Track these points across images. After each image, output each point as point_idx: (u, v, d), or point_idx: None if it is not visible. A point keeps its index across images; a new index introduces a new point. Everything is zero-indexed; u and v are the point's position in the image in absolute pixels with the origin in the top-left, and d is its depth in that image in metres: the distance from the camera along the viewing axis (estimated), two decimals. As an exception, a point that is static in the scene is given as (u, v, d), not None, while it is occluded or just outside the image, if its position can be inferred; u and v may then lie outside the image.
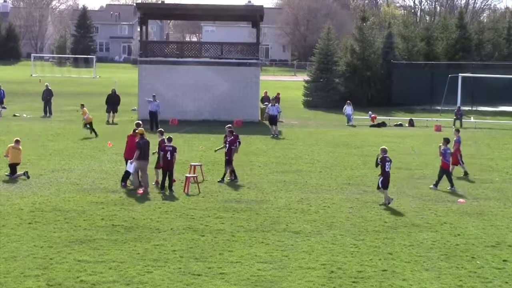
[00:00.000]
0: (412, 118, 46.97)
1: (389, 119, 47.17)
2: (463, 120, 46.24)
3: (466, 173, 26.37)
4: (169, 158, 22.13)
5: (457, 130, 27.91)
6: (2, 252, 15.30)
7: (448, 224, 18.75)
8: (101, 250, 15.58)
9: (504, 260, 15.60)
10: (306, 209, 20.14)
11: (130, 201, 20.67)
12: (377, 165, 21.36)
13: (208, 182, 23.83)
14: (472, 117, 49.27)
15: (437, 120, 46.33)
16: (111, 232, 17.18)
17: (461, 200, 21.85)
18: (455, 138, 27.06)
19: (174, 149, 22.32)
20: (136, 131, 22.93)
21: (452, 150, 25.86)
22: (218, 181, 23.85)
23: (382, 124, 45.06)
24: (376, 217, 19.38)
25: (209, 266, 14.65)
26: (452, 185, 23.60)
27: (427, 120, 46.96)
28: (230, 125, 25.42)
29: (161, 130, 23.90)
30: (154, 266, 14.60)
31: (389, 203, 20.87)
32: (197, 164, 24.80)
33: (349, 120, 45.37)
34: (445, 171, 23.76)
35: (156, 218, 18.65)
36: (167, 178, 22.30)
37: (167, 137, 22.85)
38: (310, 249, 16.13)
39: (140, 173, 22.46)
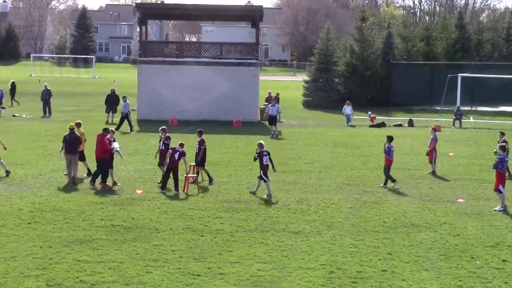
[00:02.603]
0: (412, 118, 46.97)
1: (389, 119, 47.17)
2: (462, 120, 46.26)
3: (434, 172, 26.49)
4: (176, 158, 22.17)
5: (434, 129, 28.15)
6: (2, 252, 15.29)
7: (447, 224, 18.75)
8: (100, 250, 15.58)
9: (503, 260, 15.60)
10: (306, 209, 20.14)
11: (129, 201, 20.67)
12: (255, 159, 22.34)
13: (207, 182, 23.83)
14: (471, 117, 49.27)
15: (436, 120, 46.33)
16: (111, 232, 17.18)
17: (460, 200, 21.86)
18: (431, 137, 27.21)
19: (183, 153, 22.34)
20: (68, 126, 23.82)
21: (429, 148, 26.74)
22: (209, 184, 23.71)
23: (382, 124, 45.05)
24: (376, 217, 19.39)
25: (208, 266, 14.65)
26: (393, 180, 23.79)
27: (426, 120, 46.96)
28: (164, 126, 25.15)
29: (200, 130, 24.73)
30: (153, 266, 14.60)
31: (269, 197, 21.56)
32: (196, 164, 24.81)
33: (348, 120, 45.37)
34: (386, 168, 23.89)
35: (156, 218, 18.65)
36: (167, 179, 22.36)
37: (179, 143, 22.88)
38: (310, 249, 16.13)
39: (71, 166, 23.14)
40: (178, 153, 22.24)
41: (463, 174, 26.91)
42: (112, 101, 43.20)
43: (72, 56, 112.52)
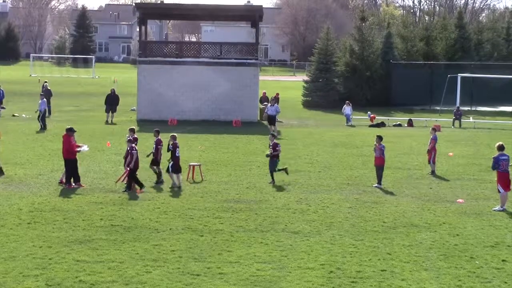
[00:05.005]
0: (411, 118, 47.01)
1: (388, 119, 47.20)
2: (462, 120, 46.27)
3: (433, 172, 26.52)
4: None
5: (434, 129, 28.18)
6: (1, 252, 15.29)
7: (447, 224, 18.75)
8: (100, 250, 15.57)
9: (503, 260, 15.60)
10: (305, 209, 20.14)
11: (129, 201, 20.67)
12: (168, 150, 23.04)
13: (207, 182, 23.84)
14: (471, 117, 49.30)
15: (436, 120, 46.35)
16: (110, 232, 17.17)
17: (460, 200, 21.86)
18: (431, 136, 27.23)
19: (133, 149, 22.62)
20: None
21: (428, 148, 26.80)
22: (155, 182, 23.38)
23: (381, 124, 45.07)
24: (375, 217, 19.39)
25: (208, 266, 14.65)
26: (379, 182, 23.85)
27: (426, 120, 46.97)
28: (133, 127, 25.24)
29: (157, 130, 24.36)
30: (153, 266, 14.60)
31: (174, 186, 22.51)
32: (196, 164, 24.84)
33: (348, 120, 45.39)
34: (376, 167, 24.01)
35: (155, 218, 18.65)
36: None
37: (133, 137, 23.25)
38: (309, 249, 16.12)
39: None
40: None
41: (463, 174, 26.92)
42: (112, 101, 43.23)
43: (72, 56, 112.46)
